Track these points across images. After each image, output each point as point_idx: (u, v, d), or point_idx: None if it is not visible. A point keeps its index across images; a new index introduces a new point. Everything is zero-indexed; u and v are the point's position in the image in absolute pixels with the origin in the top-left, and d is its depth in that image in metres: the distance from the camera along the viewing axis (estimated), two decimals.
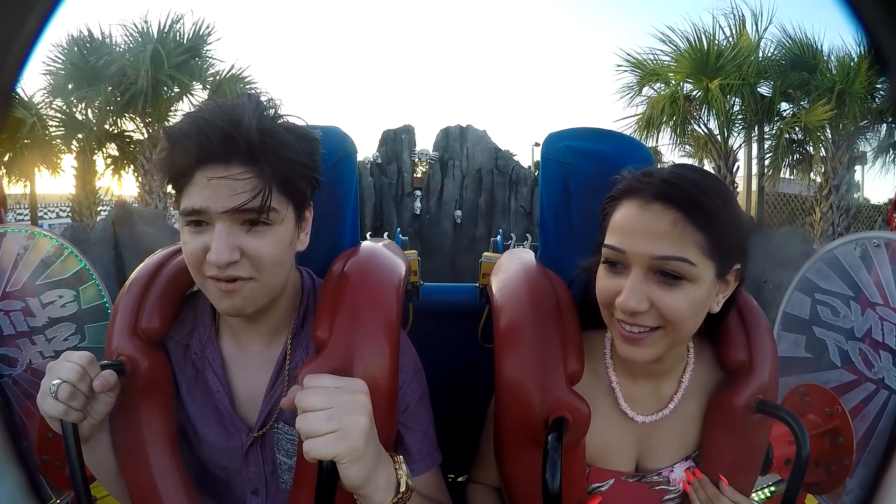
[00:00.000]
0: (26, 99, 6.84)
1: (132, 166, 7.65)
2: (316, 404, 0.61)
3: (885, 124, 7.15)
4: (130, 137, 7.68)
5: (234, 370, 0.81)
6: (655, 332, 0.69)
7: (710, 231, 0.66)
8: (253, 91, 0.76)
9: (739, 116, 7.19)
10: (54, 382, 0.66)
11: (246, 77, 7.82)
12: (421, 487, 0.78)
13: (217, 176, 0.66)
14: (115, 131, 7.45)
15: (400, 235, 6.34)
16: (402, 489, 0.67)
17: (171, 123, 0.70)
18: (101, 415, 0.72)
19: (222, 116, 0.66)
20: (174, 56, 7.08)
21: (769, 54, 6.97)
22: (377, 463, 0.64)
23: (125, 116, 7.38)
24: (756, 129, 7.29)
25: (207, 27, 7.48)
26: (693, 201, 0.66)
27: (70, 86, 7.12)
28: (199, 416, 0.81)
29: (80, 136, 7.10)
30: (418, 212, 8.32)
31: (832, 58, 6.61)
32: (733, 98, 6.95)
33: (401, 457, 0.70)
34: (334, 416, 0.60)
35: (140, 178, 7.40)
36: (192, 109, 0.71)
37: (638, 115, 7.49)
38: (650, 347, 0.70)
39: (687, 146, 7.63)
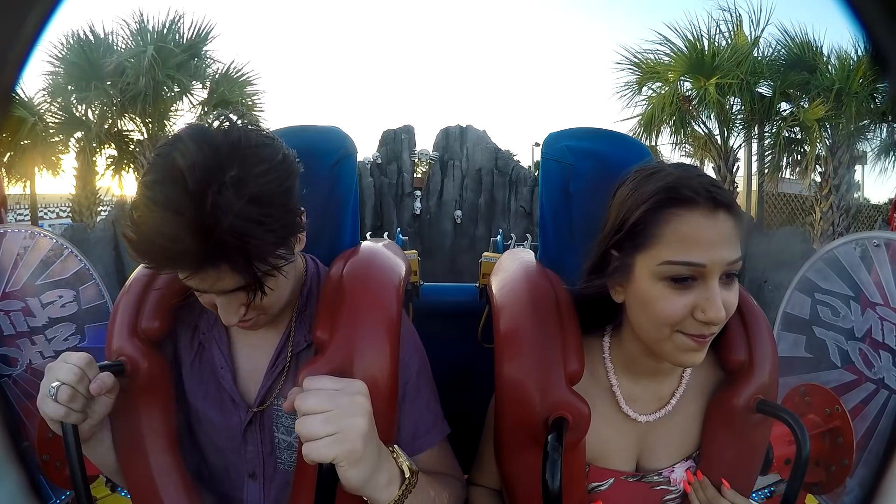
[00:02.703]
0: (26, 99, 6.84)
1: (132, 166, 7.65)
2: (315, 407, 0.61)
3: (885, 125, 7.14)
4: (130, 137, 7.67)
5: (239, 347, 0.83)
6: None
7: (741, 227, 0.70)
8: (204, 142, 0.60)
9: (739, 116, 7.19)
10: (53, 384, 0.66)
11: (245, 76, 7.82)
12: (427, 463, 0.78)
13: (197, 273, 0.63)
14: (115, 131, 7.45)
15: (400, 235, 6.33)
16: (408, 475, 0.67)
17: (125, 229, 0.61)
18: (100, 415, 0.72)
19: (173, 234, 0.58)
20: (174, 56, 7.08)
21: (768, 54, 6.97)
22: (378, 464, 0.65)
23: (125, 116, 7.38)
24: (756, 128, 7.29)
25: (207, 26, 7.48)
26: (735, 203, 0.69)
27: (70, 86, 7.12)
28: (201, 394, 0.82)
29: (79, 135, 7.10)
30: (418, 212, 8.32)
31: (832, 58, 6.62)
32: (733, 98, 6.95)
33: (396, 445, 0.70)
34: (333, 419, 0.61)
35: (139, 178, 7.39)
36: (140, 212, 0.60)
37: (638, 115, 7.50)
38: (707, 346, 0.71)
39: (687, 146, 7.63)
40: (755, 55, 6.86)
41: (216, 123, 0.65)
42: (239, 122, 0.66)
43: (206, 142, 0.61)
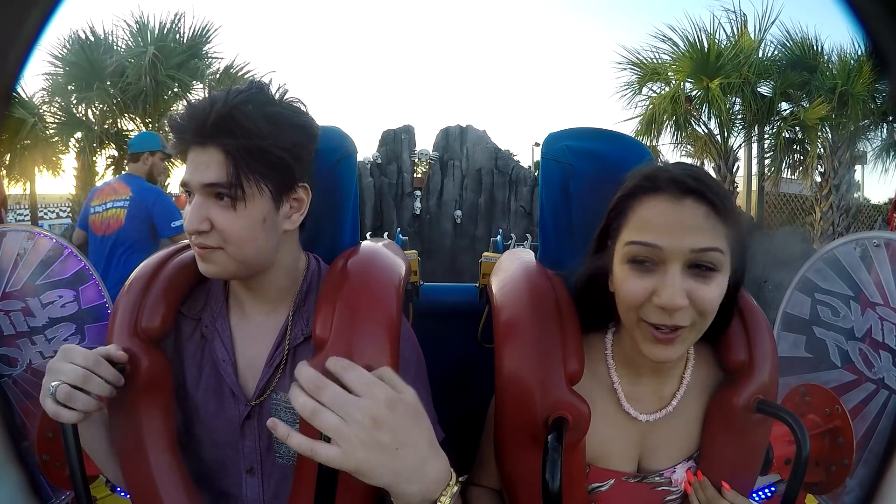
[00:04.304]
0: (26, 99, 6.83)
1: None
2: (330, 403, 0.61)
3: (885, 124, 7.14)
4: (130, 137, 7.66)
5: (239, 340, 0.84)
6: (685, 328, 0.69)
7: (731, 222, 0.69)
8: (254, 79, 0.93)
9: (739, 116, 7.19)
10: (53, 384, 0.67)
11: (246, 75, 7.81)
12: None
13: (198, 155, 0.74)
14: (115, 131, 7.44)
15: (400, 235, 6.33)
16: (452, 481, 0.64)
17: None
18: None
19: (199, 104, 0.74)
20: (175, 56, 7.07)
21: (770, 54, 6.97)
22: (404, 482, 0.61)
23: (125, 116, 7.37)
24: (756, 128, 7.28)
25: (208, 26, 7.48)
26: (718, 195, 0.69)
27: (70, 86, 7.11)
28: (201, 387, 0.82)
29: (79, 135, 7.08)
30: (418, 212, 8.30)
31: (833, 58, 6.62)
32: (733, 98, 6.95)
33: (458, 484, 0.66)
34: (344, 431, 0.58)
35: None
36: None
37: (639, 115, 7.50)
38: (680, 345, 0.70)
39: (688, 146, 7.63)
40: (757, 55, 6.86)
41: None
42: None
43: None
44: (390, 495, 0.63)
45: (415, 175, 8.58)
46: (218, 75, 7.62)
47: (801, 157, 7.22)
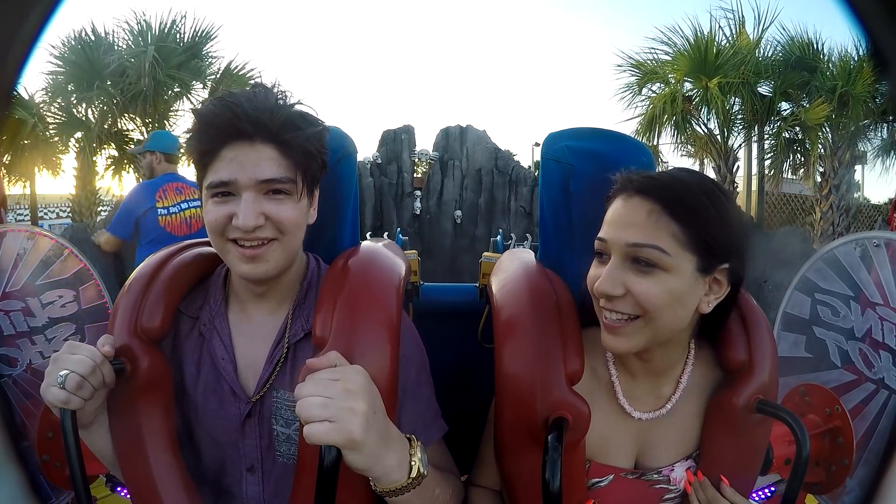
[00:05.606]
0: (26, 99, 6.83)
1: (132, 166, 7.64)
2: (312, 392, 0.63)
3: (885, 124, 7.14)
4: (130, 137, 7.66)
5: (239, 339, 0.84)
6: (634, 321, 0.71)
7: (688, 223, 0.68)
8: (269, 84, 0.92)
9: (739, 116, 7.18)
10: (62, 373, 0.68)
11: (247, 74, 7.80)
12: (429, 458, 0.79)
13: (244, 152, 0.73)
14: (115, 131, 7.43)
15: (400, 235, 6.32)
16: (414, 474, 0.68)
17: (199, 107, 0.79)
18: (98, 401, 0.74)
19: (251, 102, 0.74)
20: (175, 56, 7.07)
21: (769, 54, 6.96)
22: (382, 447, 0.66)
23: (125, 116, 7.37)
24: (756, 128, 7.28)
25: (209, 26, 7.47)
26: (671, 194, 0.69)
27: (70, 86, 7.11)
28: (200, 386, 0.82)
29: (79, 135, 7.08)
30: (418, 212, 8.30)
31: (833, 58, 6.61)
32: (733, 98, 6.94)
33: (420, 443, 0.71)
34: (329, 405, 0.62)
35: (140, 179, 7.39)
36: (219, 96, 0.78)
37: (640, 115, 7.49)
38: (630, 338, 0.72)
39: (688, 146, 7.62)
40: (756, 55, 6.85)
41: None
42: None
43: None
44: (374, 482, 0.68)
45: (415, 175, 8.58)
46: (218, 75, 7.61)
47: (802, 158, 7.20)
